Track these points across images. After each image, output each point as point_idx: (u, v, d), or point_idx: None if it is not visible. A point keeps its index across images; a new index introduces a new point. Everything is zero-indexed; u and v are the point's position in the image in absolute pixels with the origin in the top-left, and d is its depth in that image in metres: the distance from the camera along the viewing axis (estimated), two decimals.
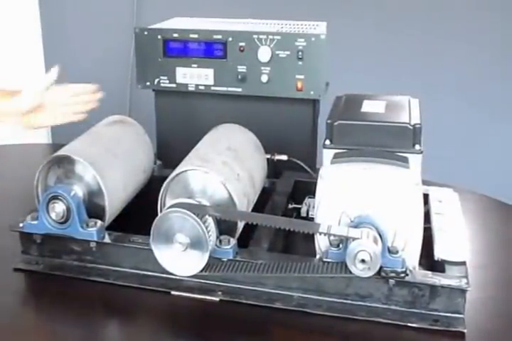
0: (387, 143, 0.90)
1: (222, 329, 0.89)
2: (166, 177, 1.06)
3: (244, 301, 0.91)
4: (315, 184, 1.13)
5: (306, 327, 0.89)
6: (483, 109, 1.83)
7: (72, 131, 1.09)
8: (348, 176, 0.87)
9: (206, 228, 0.87)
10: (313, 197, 1.13)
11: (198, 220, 0.86)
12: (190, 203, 0.89)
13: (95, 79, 1.11)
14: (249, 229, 0.96)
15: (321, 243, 0.91)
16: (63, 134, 1.15)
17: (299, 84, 1.14)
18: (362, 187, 0.86)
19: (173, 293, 0.93)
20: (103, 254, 0.98)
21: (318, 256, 0.92)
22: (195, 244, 0.87)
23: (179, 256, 0.88)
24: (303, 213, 1.11)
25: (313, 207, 1.10)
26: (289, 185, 1.13)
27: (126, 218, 1.06)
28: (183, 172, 0.94)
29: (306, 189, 1.12)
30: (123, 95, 1.91)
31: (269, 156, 1.12)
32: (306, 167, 1.11)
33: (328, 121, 0.92)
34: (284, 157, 1.12)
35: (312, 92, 1.15)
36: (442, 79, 1.81)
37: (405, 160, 0.89)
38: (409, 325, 0.87)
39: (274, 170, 1.15)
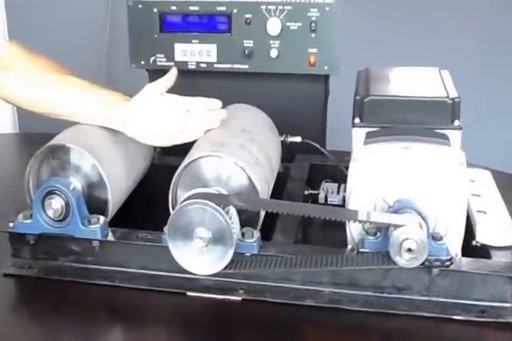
0: (423, 119, 0.82)
1: (247, 331, 0.80)
2: (167, 166, 0.97)
3: (269, 299, 0.83)
4: (332, 167, 1.06)
5: (340, 326, 0.80)
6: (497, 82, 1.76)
7: (42, 118, 0.97)
8: (385, 157, 0.79)
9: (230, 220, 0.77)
10: (331, 182, 1.06)
11: (222, 211, 0.76)
12: (211, 193, 0.79)
13: (66, 56, 1.01)
14: (268, 219, 0.87)
15: (354, 231, 0.82)
16: (32, 122, 1.04)
17: (312, 59, 1.05)
18: (401, 169, 0.78)
19: (188, 294, 0.84)
20: (107, 254, 0.87)
21: (349, 247, 0.84)
22: (218, 238, 0.77)
23: (200, 252, 0.78)
24: (321, 199, 1.02)
25: (332, 193, 1.03)
26: (304, 170, 1.04)
27: (126, 212, 0.96)
28: (196, 159, 0.84)
29: (323, 173, 1.05)
30: (98, 73, 1.75)
31: (281, 138, 1.03)
32: (322, 149, 1.02)
33: (358, 97, 0.83)
34: (298, 138, 1.03)
35: (326, 67, 1.06)
36: (463, 50, 1.72)
37: (445, 137, 0.81)
38: (454, 317, 0.79)
39: (285, 153, 1.06)
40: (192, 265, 0.80)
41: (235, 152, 0.84)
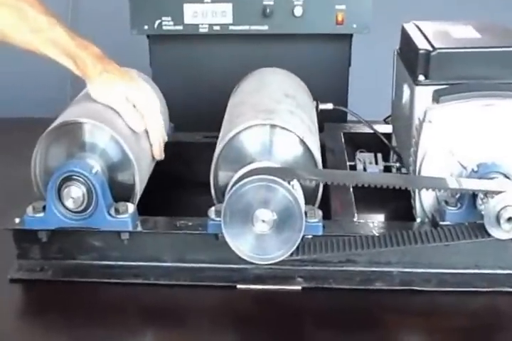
0: (498, 73, 0.72)
1: (313, 324, 0.70)
2: (182, 143, 0.84)
3: (334, 286, 0.73)
4: (365, 136, 0.97)
5: (418, 309, 0.71)
6: None
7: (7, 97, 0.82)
8: (465, 116, 0.69)
9: None
10: (365, 152, 0.96)
11: (291, 188, 0.65)
12: (274, 167, 0.67)
13: None
14: None
15: (426, 202, 0.73)
16: None
17: (340, 17, 0.95)
18: (485, 129, 0.69)
19: (239, 286, 0.73)
20: (137, 247, 0.75)
21: (419, 220, 0.75)
22: (285, 220, 0.66)
23: (261, 239, 0.67)
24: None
25: (370, 163, 0.93)
26: (339, 140, 0.94)
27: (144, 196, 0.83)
28: (244, 129, 0.72)
29: (355, 142, 0.96)
30: None
31: None
32: (360, 118, 0.92)
33: (422, 51, 0.73)
34: (330, 106, 0.92)
35: (355, 26, 0.96)
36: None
37: None
38: None
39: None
40: (252, 254, 0.68)
41: (288, 119, 0.73)
